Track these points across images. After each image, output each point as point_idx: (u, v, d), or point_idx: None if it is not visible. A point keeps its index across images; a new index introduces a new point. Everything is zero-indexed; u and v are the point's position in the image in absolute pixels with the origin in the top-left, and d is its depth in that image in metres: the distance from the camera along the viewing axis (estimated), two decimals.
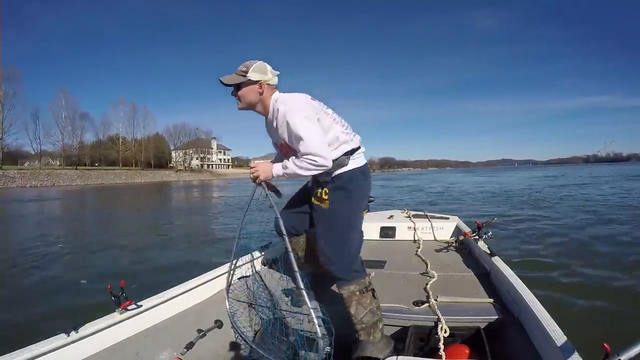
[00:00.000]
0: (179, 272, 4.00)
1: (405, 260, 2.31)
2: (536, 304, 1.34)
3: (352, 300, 1.42)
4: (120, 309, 1.43)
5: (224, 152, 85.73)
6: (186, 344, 1.50)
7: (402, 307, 1.61)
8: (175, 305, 1.67)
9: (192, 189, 29.37)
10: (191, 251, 5.76)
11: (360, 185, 1.52)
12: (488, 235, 2.28)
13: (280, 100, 1.47)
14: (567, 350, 1.04)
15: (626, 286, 3.26)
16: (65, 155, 51.33)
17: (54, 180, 38.42)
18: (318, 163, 1.37)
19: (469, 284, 1.85)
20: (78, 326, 1.30)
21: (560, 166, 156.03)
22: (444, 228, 2.94)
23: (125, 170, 53.54)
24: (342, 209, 1.47)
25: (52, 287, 4.05)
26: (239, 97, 1.50)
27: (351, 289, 1.42)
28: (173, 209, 14.07)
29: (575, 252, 4.60)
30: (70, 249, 6.19)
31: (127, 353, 1.39)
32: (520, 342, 1.33)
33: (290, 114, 1.39)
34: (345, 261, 1.44)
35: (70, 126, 51.73)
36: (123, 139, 59.67)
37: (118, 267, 4.89)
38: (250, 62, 1.48)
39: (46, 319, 2.96)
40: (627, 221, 6.57)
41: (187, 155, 67.94)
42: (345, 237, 1.46)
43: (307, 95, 1.52)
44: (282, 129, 1.43)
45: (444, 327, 1.42)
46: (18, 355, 1.14)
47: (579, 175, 22.05)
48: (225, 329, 1.70)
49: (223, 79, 1.48)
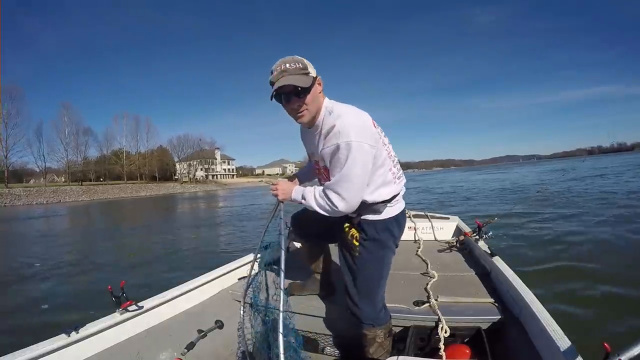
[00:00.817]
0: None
1: (405, 260, 2.31)
2: (536, 304, 1.34)
3: (374, 342, 1.40)
4: (120, 309, 1.43)
5: (228, 162, 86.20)
6: (187, 344, 1.50)
7: (403, 307, 1.61)
8: (175, 306, 1.68)
9: (198, 200, 29.18)
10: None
11: (393, 234, 1.38)
12: (488, 235, 2.28)
13: (337, 114, 1.19)
14: (568, 350, 1.04)
15: (626, 286, 3.25)
16: (70, 171, 51.86)
17: (59, 197, 38.73)
18: (339, 211, 1.21)
19: (469, 284, 1.85)
20: (79, 326, 1.30)
21: (565, 159, 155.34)
22: (445, 228, 2.94)
23: (131, 184, 53.77)
24: (373, 260, 1.36)
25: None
26: (304, 105, 1.20)
27: (377, 332, 1.39)
28: (181, 224, 13.00)
29: (575, 252, 4.59)
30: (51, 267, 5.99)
31: (128, 353, 1.39)
32: (520, 342, 1.33)
33: (347, 140, 1.13)
34: (373, 309, 1.38)
35: (74, 142, 52.62)
36: (127, 153, 60.20)
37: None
38: (292, 57, 1.19)
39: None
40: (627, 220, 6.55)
41: (192, 167, 68.25)
42: (374, 288, 1.38)
43: (369, 117, 1.24)
44: (328, 149, 1.18)
45: (445, 327, 1.42)
46: (19, 355, 1.14)
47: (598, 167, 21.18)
48: (225, 329, 1.70)
49: (293, 82, 1.14)
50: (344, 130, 1.14)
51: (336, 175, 1.18)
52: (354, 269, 1.38)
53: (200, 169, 71.02)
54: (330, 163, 1.21)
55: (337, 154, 1.16)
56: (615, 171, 20.90)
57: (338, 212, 1.22)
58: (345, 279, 1.42)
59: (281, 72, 1.16)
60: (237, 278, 2.06)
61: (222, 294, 1.91)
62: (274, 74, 1.18)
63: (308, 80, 1.17)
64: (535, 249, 4.79)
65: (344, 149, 1.14)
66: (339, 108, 1.23)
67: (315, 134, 1.27)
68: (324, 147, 1.21)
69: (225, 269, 2.01)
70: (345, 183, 1.17)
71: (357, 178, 1.17)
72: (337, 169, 1.17)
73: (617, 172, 20.18)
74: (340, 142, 1.14)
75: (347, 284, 1.41)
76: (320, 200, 1.25)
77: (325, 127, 1.21)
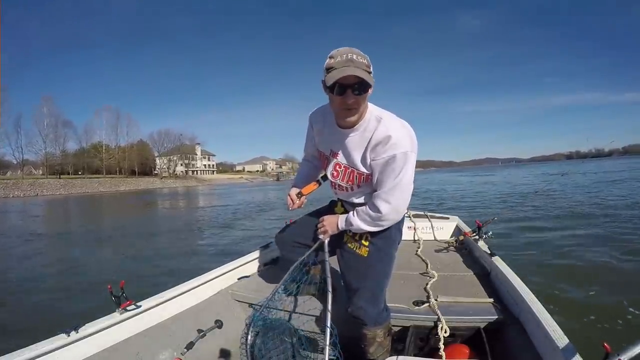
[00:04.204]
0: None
1: (405, 260, 2.31)
2: (536, 304, 1.34)
3: (374, 342, 1.40)
4: (120, 309, 1.43)
5: (209, 158, 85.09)
6: (186, 344, 1.50)
7: (403, 307, 1.60)
8: (175, 306, 1.67)
9: (178, 198, 27.34)
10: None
11: (400, 232, 1.43)
12: (488, 235, 2.29)
13: (390, 125, 1.17)
14: (568, 350, 1.04)
15: (627, 286, 3.25)
16: (48, 164, 50.61)
17: (37, 190, 37.82)
18: (390, 220, 1.25)
19: (469, 284, 1.85)
20: (78, 326, 1.30)
21: (544, 163, 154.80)
22: (444, 228, 2.94)
23: (109, 178, 52.68)
24: (383, 258, 1.37)
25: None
26: (360, 104, 1.15)
27: (377, 332, 1.39)
28: (159, 229, 9.93)
29: (575, 252, 4.60)
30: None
31: (128, 353, 1.39)
32: (520, 342, 1.33)
33: (404, 150, 1.14)
34: (377, 310, 1.38)
35: (53, 134, 51.21)
36: (106, 147, 59.24)
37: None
38: (358, 50, 1.11)
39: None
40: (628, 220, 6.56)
41: (172, 162, 67.34)
42: (381, 286, 1.38)
43: (413, 131, 1.23)
44: (383, 159, 1.16)
45: (444, 327, 1.42)
46: (19, 355, 1.14)
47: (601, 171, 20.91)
48: (225, 329, 1.70)
49: (362, 76, 1.06)
50: (401, 141, 1.15)
51: (389, 184, 1.19)
52: (362, 270, 1.36)
53: (181, 164, 69.67)
54: (380, 172, 1.19)
55: (393, 164, 1.15)
56: (619, 175, 20.76)
57: (388, 222, 1.25)
58: (350, 282, 1.40)
59: (347, 61, 1.07)
60: (237, 278, 2.06)
61: (222, 294, 1.91)
62: (336, 60, 1.08)
63: (371, 79, 1.10)
64: (535, 249, 4.79)
65: (400, 159, 1.15)
66: (388, 117, 1.21)
67: (352, 136, 1.23)
68: (376, 156, 1.18)
69: (225, 269, 2.01)
70: (399, 192, 1.19)
71: (408, 187, 1.20)
72: (391, 178, 1.18)
73: (619, 175, 20.06)
74: (398, 153, 1.14)
75: (352, 287, 1.39)
76: (367, 217, 1.26)
77: (378, 135, 1.17)
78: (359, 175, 1.27)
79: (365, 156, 1.22)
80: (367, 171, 1.24)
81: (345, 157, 1.29)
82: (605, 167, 31.79)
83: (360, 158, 1.23)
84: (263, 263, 2.25)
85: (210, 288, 1.88)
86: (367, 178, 1.27)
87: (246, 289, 1.93)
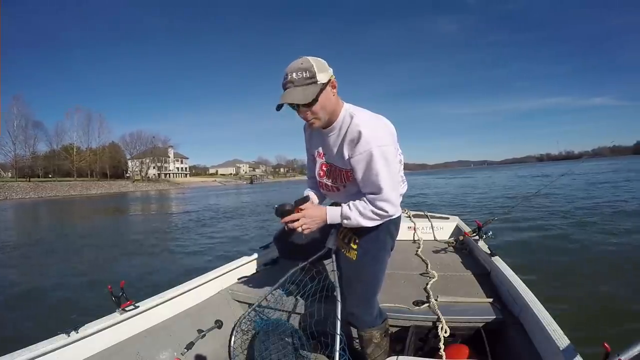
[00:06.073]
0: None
1: (405, 260, 2.31)
2: (536, 304, 1.34)
3: (371, 343, 1.40)
4: (120, 309, 1.43)
5: (182, 161, 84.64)
6: (186, 344, 1.50)
7: (402, 307, 1.60)
8: (175, 306, 1.67)
9: (151, 201, 26.18)
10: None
11: (392, 236, 1.41)
12: (488, 235, 2.28)
13: (361, 120, 1.20)
14: (568, 350, 1.04)
15: (627, 286, 3.25)
16: (17, 166, 49.16)
17: (6, 193, 36.96)
18: (389, 214, 1.25)
19: (469, 284, 1.85)
20: (78, 326, 1.30)
21: (515, 165, 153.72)
22: (444, 228, 2.94)
23: (80, 181, 51.68)
24: (372, 262, 1.36)
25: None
26: (316, 113, 1.19)
27: (374, 333, 1.39)
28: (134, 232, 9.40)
29: (576, 252, 4.60)
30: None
31: (128, 353, 1.39)
32: (520, 342, 1.32)
33: (380, 147, 1.16)
34: (370, 315, 1.38)
35: (23, 136, 49.68)
36: (78, 149, 57.82)
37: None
38: (302, 61, 1.15)
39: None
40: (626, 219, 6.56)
41: (144, 165, 66.44)
42: (372, 291, 1.38)
43: (389, 123, 1.29)
44: (361, 157, 1.18)
45: (444, 327, 1.42)
46: (18, 355, 1.14)
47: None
48: (225, 329, 1.70)
49: (293, 101, 1.13)
50: (374, 136, 1.17)
51: (374, 186, 1.21)
52: (351, 273, 1.37)
53: (153, 167, 69.24)
54: (361, 169, 1.21)
55: (370, 159, 1.17)
56: (608, 176, 20.73)
57: (388, 215, 1.26)
58: (342, 286, 1.39)
59: (288, 83, 1.14)
60: (237, 278, 2.06)
61: (222, 294, 1.91)
62: (283, 80, 1.16)
63: (314, 90, 1.13)
64: (535, 249, 4.80)
65: (377, 153, 1.16)
66: (362, 115, 1.23)
67: (331, 135, 1.28)
68: (353, 154, 1.20)
69: (225, 269, 2.01)
70: (388, 190, 1.21)
71: (394, 180, 1.22)
72: (373, 173, 1.19)
73: (611, 177, 20.03)
74: (373, 148, 1.16)
75: (344, 290, 1.39)
76: (367, 213, 1.24)
77: (351, 133, 1.20)
78: (343, 173, 1.30)
79: (342, 154, 1.25)
80: (349, 167, 1.26)
81: (328, 156, 1.34)
82: (603, 167, 31.69)
83: (340, 156, 1.27)
84: (263, 263, 2.25)
85: (210, 288, 1.88)
86: (351, 176, 1.28)
87: (246, 289, 1.92)
